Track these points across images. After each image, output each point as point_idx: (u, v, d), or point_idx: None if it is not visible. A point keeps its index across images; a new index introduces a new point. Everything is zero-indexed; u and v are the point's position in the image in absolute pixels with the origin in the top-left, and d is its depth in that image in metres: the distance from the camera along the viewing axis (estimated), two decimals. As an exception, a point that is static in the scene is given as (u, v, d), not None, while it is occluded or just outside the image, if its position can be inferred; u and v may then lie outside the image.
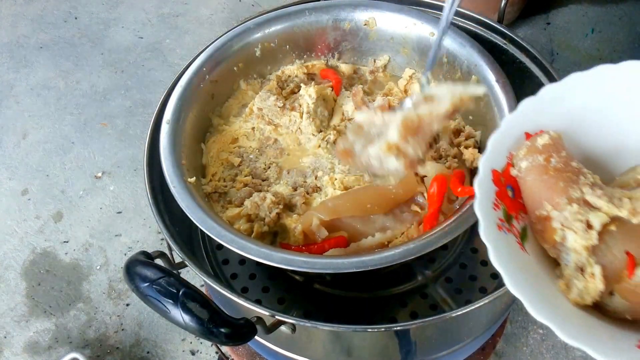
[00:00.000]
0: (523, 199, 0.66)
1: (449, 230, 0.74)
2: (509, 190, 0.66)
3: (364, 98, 0.98)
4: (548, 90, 0.69)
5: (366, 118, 0.79)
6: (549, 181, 0.63)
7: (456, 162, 0.89)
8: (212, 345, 1.36)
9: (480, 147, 0.92)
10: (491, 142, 0.67)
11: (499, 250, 0.58)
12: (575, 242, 0.60)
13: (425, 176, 0.88)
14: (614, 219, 0.60)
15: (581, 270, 0.60)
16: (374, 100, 1.00)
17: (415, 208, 0.86)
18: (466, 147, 0.91)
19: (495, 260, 0.57)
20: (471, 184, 0.87)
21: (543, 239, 0.64)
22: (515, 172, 0.66)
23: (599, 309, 0.60)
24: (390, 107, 0.92)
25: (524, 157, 0.65)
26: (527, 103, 0.69)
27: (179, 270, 0.80)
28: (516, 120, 0.68)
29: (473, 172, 0.90)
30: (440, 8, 1.03)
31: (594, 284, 0.58)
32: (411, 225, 0.84)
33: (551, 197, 0.62)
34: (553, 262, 0.64)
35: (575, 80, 0.68)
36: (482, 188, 0.63)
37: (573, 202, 0.61)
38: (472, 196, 0.77)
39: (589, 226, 0.59)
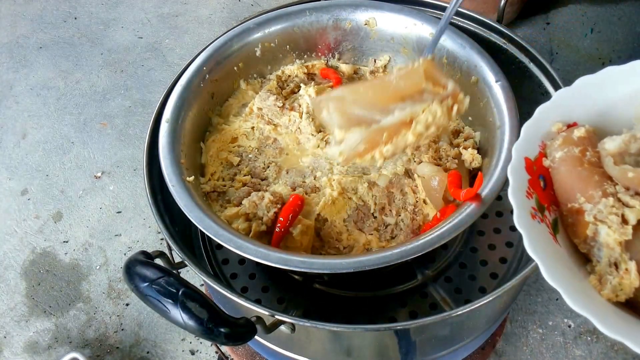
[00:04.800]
0: (555, 191, 0.65)
1: (448, 230, 0.74)
2: (540, 181, 0.65)
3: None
4: (583, 82, 0.68)
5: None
6: (583, 173, 0.62)
7: (455, 162, 0.89)
8: (211, 345, 1.36)
9: (480, 148, 0.92)
10: (524, 130, 0.66)
11: (533, 238, 0.57)
12: (608, 236, 0.58)
13: (423, 177, 0.88)
14: None
15: (615, 266, 0.58)
16: None
17: (432, 91, 0.76)
18: (465, 148, 0.91)
19: (530, 248, 0.56)
20: (470, 185, 0.87)
21: (574, 233, 0.62)
22: (548, 162, 0.65)
23: (630, 306, 0.59)
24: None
25: (558, 147, 0.64)
26: (562, 93, 0.68)
27: (179, 270, 0.80)
28: (549, 110, 0.68)
29: (472, 172, 0.90)
30: (440, 8, 1.03)
31: (629, 280, 0.57)
32: (432, 101, 0.75)
33: (585, 189, 0.61)
34: (583, 259, 0.63)
35: (611, 74, 0.67)
36: (515, 175, 0.62)
37: (608, 196, 0.60)
38: (474, 198, 0.76)
39: (624, 221, 0.58)
